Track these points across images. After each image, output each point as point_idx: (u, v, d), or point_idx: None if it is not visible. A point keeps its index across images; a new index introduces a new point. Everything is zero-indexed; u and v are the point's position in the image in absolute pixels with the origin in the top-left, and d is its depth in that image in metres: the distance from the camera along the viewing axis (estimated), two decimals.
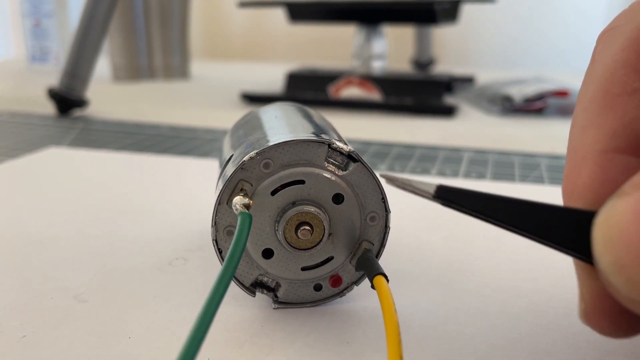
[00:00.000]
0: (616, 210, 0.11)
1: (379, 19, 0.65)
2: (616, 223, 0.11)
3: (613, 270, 0.11)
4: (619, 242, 0.10)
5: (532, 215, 0.12)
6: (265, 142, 0.18)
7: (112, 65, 0.82)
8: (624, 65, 0.14)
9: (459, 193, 0.13)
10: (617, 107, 0.13)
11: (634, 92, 0.13)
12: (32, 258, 0.24)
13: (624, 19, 0.14)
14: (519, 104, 0.57)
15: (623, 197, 0.11)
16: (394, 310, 0.15)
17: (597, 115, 0.14)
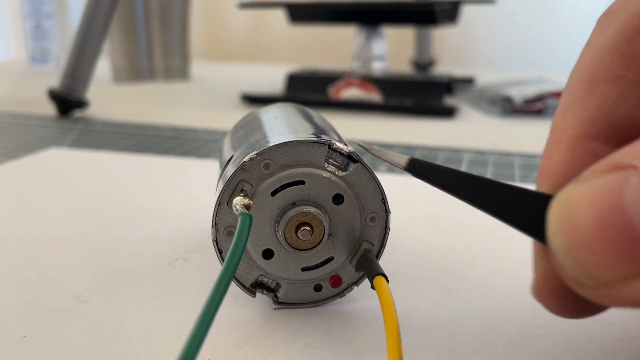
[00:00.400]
0: (572, 194, 0.11)
1: (379, 20, 0.65)
2: (571, 206, 0.11)
3: (563, 250, 0.11)
4: (571, 224, 0.11)
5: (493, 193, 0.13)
6: (266, 143, 0.18)
7: (113, 66, 0.82)
8: (611, 51, 0.14)
9: (428, 167, 0.14)
10: (599, 92, 0.13)
11: (617, 79, 0.13)
12: (32, 259, 0.24)
13: (620, 4, 0.14)
14: (519, 105, 0.57)
15: (581, 182, 0.11)
16: (394, 311, 0.15)
17: (579, 99, 0.14)
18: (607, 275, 0.10)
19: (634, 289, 0.10)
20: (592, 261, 0.10)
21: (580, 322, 0.19)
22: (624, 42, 0.13)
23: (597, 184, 0.11)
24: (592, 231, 0.10)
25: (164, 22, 0.81)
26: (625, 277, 0.10)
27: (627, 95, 0.13)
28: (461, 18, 0.67)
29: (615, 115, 0.13)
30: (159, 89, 0.77)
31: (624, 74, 0.13)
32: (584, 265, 0.11)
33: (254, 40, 1.19)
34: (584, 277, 0.11)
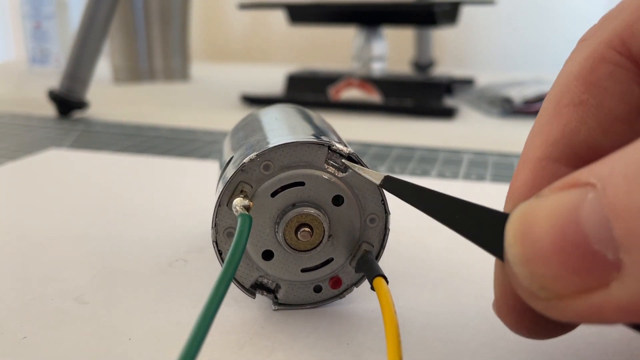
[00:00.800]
0: (531, 208, 0.11)
1: (379, 21, 0.65)
2: (528, 219, 0.11)
3: (518, 262, 0.11)
4: (528, 236, 0.11)
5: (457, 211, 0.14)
6: (266, 144, 0.18)
7: (113, 67, 0.82)
8: (576, 77, 0.14)
9: (401, 185, 0.16)
10: (562, 116, 0.14)
11: (580, 104, 0.14)
12: (32, 259, 0.24)
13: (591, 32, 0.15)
14: (519, 105, 0.57)
15: (540, 198, 0.11)
16: (394, 312, 0.15)
17: (545, 123, 0.14)
18: (559, 288, 0.11)
19: (583, 303, 0.10)
20: (546, 273, 0.11)
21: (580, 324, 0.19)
22: (589, 69, 0.14)
23: (555, 200, 0.11)
24: (548, 244, 0.11)
25: (164, 22, 0.81)
26: (576, 291, 0.10)
27: (588, 120, 0.14)
28: (461, 19, 0.67)
29: (576, 138, 0.14)
30: (159, 89, 0.77)
31: (587, 99, 0.14)
32: (538, 277, 0.11)
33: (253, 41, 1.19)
34: (537, 289, 0.11)
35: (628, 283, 0.10)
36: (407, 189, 0.15)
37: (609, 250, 0.10)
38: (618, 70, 0.14)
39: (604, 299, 0.10)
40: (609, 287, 0.10)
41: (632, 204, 0.10)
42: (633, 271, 0.10)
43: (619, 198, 0.10)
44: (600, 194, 0.10)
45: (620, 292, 0.10)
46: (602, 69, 0.14)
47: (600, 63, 0.14)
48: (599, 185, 0.10)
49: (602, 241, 0.10)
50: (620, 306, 0.10)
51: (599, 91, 0.14)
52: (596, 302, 0.10)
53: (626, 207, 0.10)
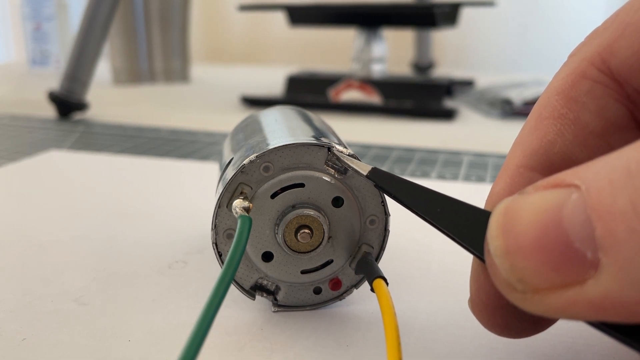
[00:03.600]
0: (515, 203, 0.12)
1: (379, 22, 0.65)
2: (512, 213, 0.12)
3: (500, 254, 0.12)
4: (510, 230, 0.11)
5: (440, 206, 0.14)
6: (265, 146, 0.18)
7: (113, 68, 0.82)
8: (558, 92, 0.15)
9: (387, 177, 0.16)
10: (542, 128, 0.15)
11: (559, 117, 0.15)
12: (32, 261, 0.24)
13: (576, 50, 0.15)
14: (519, 107, 0.57)
15: (524, 195, 0.12)
16: (394, 314, 0.15)
17: (526, 134, 0.15)
18: (536, 282, 0.11)
19: (558, 297, 0.11)
20: (526, 267, 0.11)
21: (580, 324, 0.19)
22: (570, 85, 0.15)
23: (539, 197, 0.11)
24: (530, 239, 0.11)
25: (164, 24, 0.81)
26: (553, 286, 0.11)
27: (565, 132, 0.15)
28: (461, 20, 0.67)
29: (552, 149, 0.15)
30: (158, 91, 0.77)
31: (566, 113, 0.15)
32: (517, 270, 0.11)
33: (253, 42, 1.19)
34: (515, 282, 0.11)
35: (603, 281, 0.10)
36: (392, 181, 0.16)
37: (589, 249, 0.10)
38: (597, 86, 0.14)
39: (578, 295, 0.11)
40: (584, 285, 0.10)
41: (615, 207, 0.10)
42: (609, 270, 0.10)
43: (602, 200, 0.10)
44: (585, 195, 0.10)
45: (595, 289, 0.10)
46: (581, 85, 0.15)
47: (581, 79, 0.15)
48: (584, 187, 0.11)
49: (582, 240, 0.10)
50: (593, 303, 0.10)
51: (578, 106, 0.15)
52: (570, 297, 0.11)
53: (609, 210, 0.10)
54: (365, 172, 0.16)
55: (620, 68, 0.14)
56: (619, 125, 0.14)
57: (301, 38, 1.11)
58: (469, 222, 0.13)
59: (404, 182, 0.15)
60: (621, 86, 0.14)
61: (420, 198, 0.15)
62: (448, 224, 0.14)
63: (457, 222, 0.14)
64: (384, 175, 0.16)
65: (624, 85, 0.14)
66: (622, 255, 0.10)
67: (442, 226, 0.14)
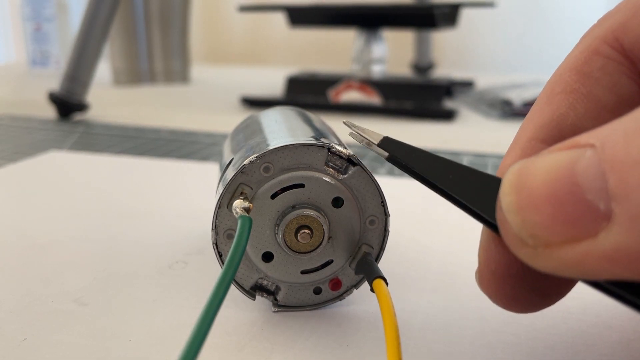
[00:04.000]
0: (529, 163, 0.12)
1: (379, 23, 0.65)
2: (526, 171, 0.12)
3: (512, 209, 0.12)
4: (523, 186, 0.12)
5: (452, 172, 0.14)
6: (265, 146, 0.18)
7: (113, 69, 0.82)
8: (571, 68, 0.15)
9: (399, 145, 0.16)
10: (554, 102, 0.15)
11: (571, 92, 0.15)
12: (32, 262, 0.24)
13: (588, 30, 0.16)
14: (519, 107, 0.57)
15: (540, 156, 0.12)
16: (394, 314, 0.15)
17: (537, 109, 0.15)
18: (548, 236, 0.11)
19: (569, 252, 0.11)
20: (537, 221, 0.11)
21: (579, 325, 0.19)
22: (583, 61, 0.15)
23: (554, 157, 0.11)
24: (542, 193, 0.11)
25: (164, 25, 0.81)
26: (564, 239, 0.11)
27: (577, 106, 0.15)
28: (461, 21, 0.67)
29: (564, 122, 0.15)
30: (159, 91, 0.77)
31: (578, 88, 0.15)
32: (529, 225, 0.11)
33: (254, 43, 1.19)
34: (527, 237, 0.11)
35: (616, 232, 0.10)
36: (404, 149, 0.16)
37: (602, 201, 0.10)
38: (610, 63, 0.14)
39: (591, 248, 0.11)
40: (597, 237, 0.10)
41: (629, 157, 0.10)
42: (622, 221, 0.10)
43: (616, 151, 0.10)
44: (599, 150, 0.11)
45: (607, 241, 0.10)
46: (595, 61, 0.15)
47: (594, 56, 0.15)
48: (598, 144, 0.11)
49: (595, 192, 0.10)
50: (605, 255, 0.10)
51: (590, 81, 0.15)
52: (582, 251, 0.11)
53: (622, 159, 0.10)
54: (377, 142, 0.16)
55: (633, 46, 0.14)
56: (631, 101, 0.14)
57: (301, 39, 1.11)
58: (481, 188, 0.13)
59: (415, 149, 0.15)
60: (633, 64, 0.14)
61: (432, 165, 0.15)
62: (460, 191, 0.14)
63: (468, 189, 0.14)
64: (395, 143, 0.16)
65: (636, 62, 0.14)
66: (635, 203, 0.10)
67: (454, 192, 0.14)
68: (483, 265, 0.15)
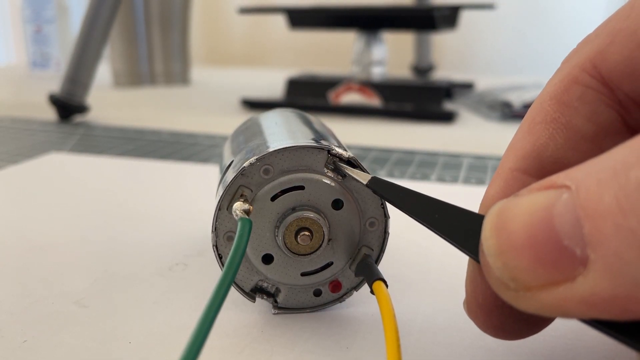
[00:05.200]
0: (508, 205, 0.12)
1: (379, 25, 0.65)
2: (505, 214, 0.12)
3: (493, 253, 0.12)
4: (503, 230, 0.12)
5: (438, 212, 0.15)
6: (265, 148, 0.18)
7: (113, 71, 0.82)
8: (551, 97, 0.15)
9: (387, 186, 0.16)
10: (534, 133, 0.15)
11: (551, 122, 0.15)
12: (33, 263, 0.24)
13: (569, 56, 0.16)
14: (518, 109, 0.57)
15: (517, 197, 0.12)
16: (394, 316, 0.15)
17: (519, 139, 0.16)
18: (528, 280, 0.11)
19: (549, 295, 0.11)
20: (518, 265, 0.11)
21: (580, 327, 0.19)
22: (562, 90, 0.15)
23: (532, 198, 0.12)
24: (521, 238, 0.11)
25: (165, 27, 0.81)
26: (543, 283, 0.11)
27: (557, 136, 0.15)
28: (460, 23, 0.67)
29: (544, 152, 0.15)
30: (159, 93, 0.77)
31: (558, 117, 0.15)
32: (510, 269, 0.12)
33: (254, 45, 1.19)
34: (508, 280, 0.12)
35: (592, 278, 0.10)
36: (392, 189, 0.16)
37: (578, 247, 0.11)
38: (588, 91, 0.15)
39: (569, 292, 0.11)
40: (574, 282, 0.11)
41: (602, 205, 0.10)
42: (597, 267, 0.10)
43: (590, 199, 0.10)
44: (574, 195, 0.11)
45: (584, 286, 0.11)
46: (574, 90, 0.15)
47: (573, 85, 0.15)
48: (573, 187, 0.11)
49: (572, 238, 0.11)
50: (583, 299, 0.11)
51: (570, 111, 0.15)
52: (561, 295, 0.11)
53: (596, 208, 0.10)
54: (365, 181, 0.17)
55: (611, 73, 0.14)
56: (610, 129, 0.15)
57: (301, 41, 1.11)
58: (465, 226, 0.14)
59: (402, 189, 0.16)
60: (612, 91, 0.14)
61: (419, 205, 0.15)
62: (446, 229, 0.14)
63: (454, 227, 0.14)
64: (383, 183, 0.17)
65: (615, 90, 0.14)
66: (608, 251, 0.10)
67: (440, 231, 0.14)
68: (470, 297, 0.15)
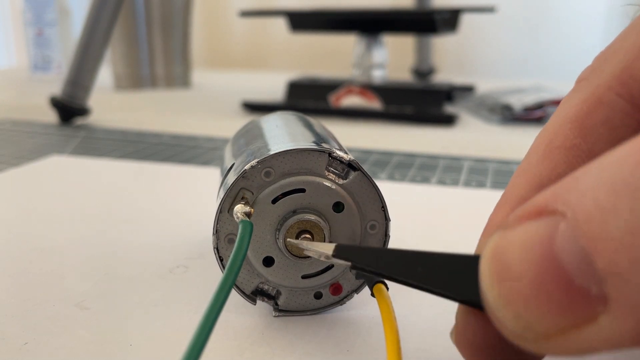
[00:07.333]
0: (501, 243, 0.11)
1: (380, 28, 0.65)
2: (502, 257, 0.10)
3: (500, 305, 0.11)
4: (505, 276, 0.10)
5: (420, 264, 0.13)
6: (267, 151, 0.18)
7: (114, 74, 0.82)
8: (571, 120, 0.14)
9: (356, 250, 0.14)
10: (552, 158, 0.14)
11: (571, 148, 0.14)
12: (34, 266, 0.24)
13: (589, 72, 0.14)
14: (519, 112, 0.57)
15: (507, 230, 0.11)
16: (394, 319, 0.15)
17: (533, 164, 0.14)
18: (545, 328, 0.10)
19: (573, 340, 0.10)
20: (529, 314, 0.10)
21: None
22: (585, 113, 0.14)
23: (525, 232, 0.10)
24: (527, 284, 0.10)
25: (166, 30, 0.81)
26: (562, 329, 0.10)
27: (577, 165, 0.13)
28: (461, 26, 0.67)
29: None
30: (160, 96, 0.77)
31: (579, 144, 0.14)
32: (522, 319, 0.10)
33: (254, 48, 1.19)
34: (522, 331, 0.10)
35: (617, 316, 0.09)
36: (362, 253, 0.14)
37: (592, 284, 0.09)
38: (615, 115, 0.13)
39: (593, 334, 0.10)
40: (597, 321, 0.09)
41: (610, 234, 0.09)
42: (620, 305, 0.09)
43: (594, 228, 0.09)
44: (573, 224, 0.10)
45: (611, 325, 0.09)
46: (598, 113, 0.13)
47: (598, 107, 0.13)
48: (570, 215, 0.10)
49: (583, 275, 0.09)
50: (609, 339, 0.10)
51: (593, 137, 0.13)
52: (585, 337, 0.10)
53: (604, 238, 0.09)
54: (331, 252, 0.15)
55: None
56: None
57: (302, 44, 1.11)
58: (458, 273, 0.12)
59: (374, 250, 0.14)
60: None
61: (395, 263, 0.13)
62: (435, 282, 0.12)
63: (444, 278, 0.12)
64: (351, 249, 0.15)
65: None
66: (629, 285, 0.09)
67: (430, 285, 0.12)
68: (460, 331, 0.14)
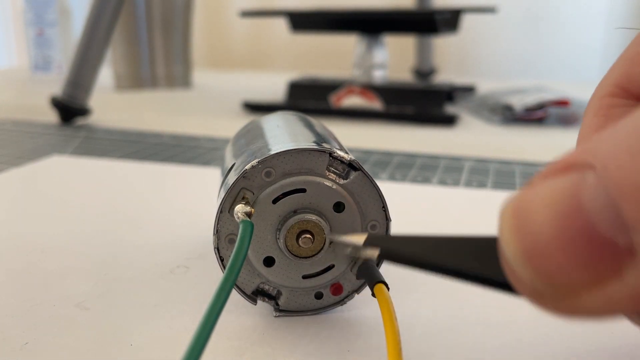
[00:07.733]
0: (524, 198, 0.10)
1: (380, 28, 0.65)
2: (524, 211, 0.10)
3: (519, 259, 0.10)
4: (526, 229, 0.10)
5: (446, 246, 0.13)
6: (267, 151, 0.18)
7: (115, 74, 0.82)
8: None
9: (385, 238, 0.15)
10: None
11: None
12: (34, 266, 0.24)
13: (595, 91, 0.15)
14: (520, 113, 0.57)
15: (532, 187, 0.10)
16: (395, 319, 0.15)
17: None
18: (567, 283, 0.10)
19: (595, 297, 0.10)
20: (551, 268, 0.10)
21: (582, 330, 0.19)
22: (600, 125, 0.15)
23: (550, 186, 0.10)
24: (550, 235, 0.10)
25: (166, 30, 0.81)
26: (586, 284, 0.10)
27: None
28: (462, 26, 0.67)
29: None
30: (161, 96, 0.77)
31: None
32: (544, 274, 0.10)
33: (255, 48, 1.19)
34: (543, 287, 0.10)
35: None
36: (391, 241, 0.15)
37: (620, 234, 0.09)
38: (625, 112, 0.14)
39: (618, 289, 0.09)
40: (621, 276, 0.09)
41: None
42: None
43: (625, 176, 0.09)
44: (602, 174, 0.09)
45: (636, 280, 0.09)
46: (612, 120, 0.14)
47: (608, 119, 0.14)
48: (599, 166, 0.09)
49: (610, 225, 0.09)
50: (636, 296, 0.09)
51: None
52: (609, 293, 0.09)
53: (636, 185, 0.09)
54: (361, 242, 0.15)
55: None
56: None
57: (303, 44, 1.11)
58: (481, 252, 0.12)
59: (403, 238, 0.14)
60: None
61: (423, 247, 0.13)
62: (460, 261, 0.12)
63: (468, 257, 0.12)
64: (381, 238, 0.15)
65: None
66: None
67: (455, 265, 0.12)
68: None
